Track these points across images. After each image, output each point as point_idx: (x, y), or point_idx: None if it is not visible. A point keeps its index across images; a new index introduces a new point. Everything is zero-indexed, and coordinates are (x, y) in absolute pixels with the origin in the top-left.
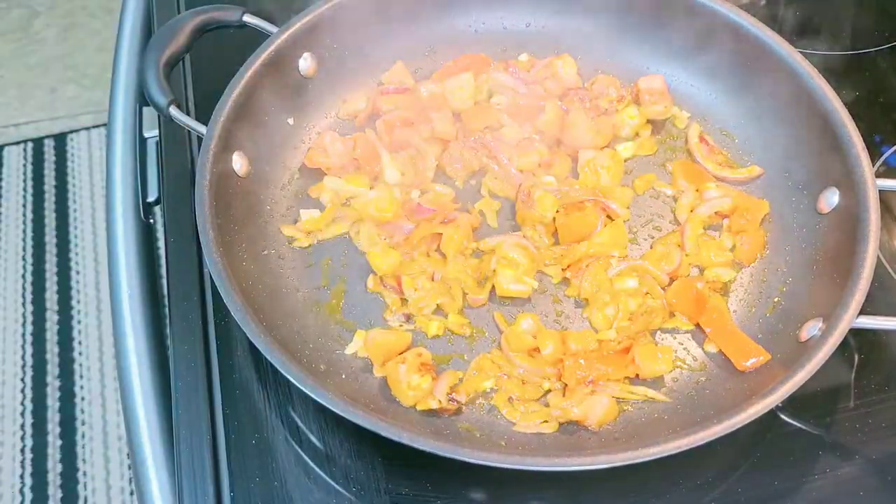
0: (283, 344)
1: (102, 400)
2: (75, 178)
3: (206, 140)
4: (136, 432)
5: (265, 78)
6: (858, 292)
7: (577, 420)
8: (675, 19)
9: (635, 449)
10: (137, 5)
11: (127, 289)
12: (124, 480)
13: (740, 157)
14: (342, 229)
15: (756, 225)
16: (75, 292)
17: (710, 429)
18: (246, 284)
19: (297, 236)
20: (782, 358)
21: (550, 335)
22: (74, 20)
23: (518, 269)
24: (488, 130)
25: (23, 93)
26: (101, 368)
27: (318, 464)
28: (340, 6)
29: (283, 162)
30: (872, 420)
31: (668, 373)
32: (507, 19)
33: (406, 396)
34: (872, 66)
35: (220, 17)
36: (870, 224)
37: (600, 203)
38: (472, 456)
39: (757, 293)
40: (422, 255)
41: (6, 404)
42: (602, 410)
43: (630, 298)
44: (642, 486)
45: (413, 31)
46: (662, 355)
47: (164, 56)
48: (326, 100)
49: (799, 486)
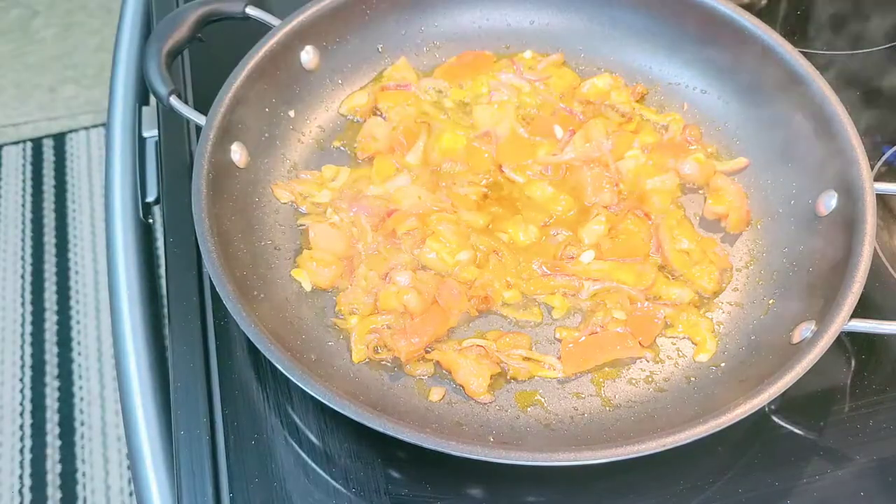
0: (276, 333)
1: (101, 400)
2: (74, 178)
3: (205, 129)
4: (135, 433)
5: (266, 70)
6: (851, 295)
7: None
8: (676, 19)
9: (620, 446)
10: (137, 5)
11: (126, 289)
12: (123, 481)
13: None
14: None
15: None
16: (74, 292)
17: (695, 428)
18: (240, 274)
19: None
20: (774, 360)
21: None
22: (73, 20)
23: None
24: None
25: (22, 92)
26: (100, 369)
27: (317, 464)
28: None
29: (283, 153)
30: (873, 421)
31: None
32: (511, 16)
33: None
34: (872, 66)
35: (224, 9)
36: (865, 228)
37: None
38: (457, 449)
39: (751, 294)
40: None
41: (5, 405)
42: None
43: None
44: (640, 485)
45: (417, 26)
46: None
47: (167, 46)
48: (328, 93)
49: (800, 486)
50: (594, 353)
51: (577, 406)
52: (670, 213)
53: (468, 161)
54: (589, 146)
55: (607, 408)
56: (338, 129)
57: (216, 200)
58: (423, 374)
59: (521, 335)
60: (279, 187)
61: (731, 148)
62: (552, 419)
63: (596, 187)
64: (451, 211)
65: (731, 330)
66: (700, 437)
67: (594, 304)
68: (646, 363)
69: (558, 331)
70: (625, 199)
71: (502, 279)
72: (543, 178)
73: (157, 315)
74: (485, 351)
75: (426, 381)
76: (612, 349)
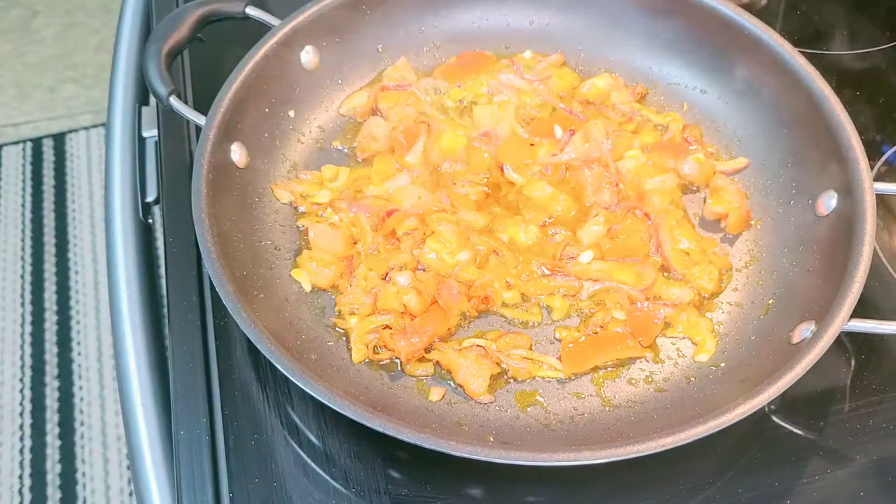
0: (275, 333)
1: (101, 401)
2: (74, 178)
3: (205, 129)
4: (135, 433)
5: (266, 70)
6: (851, 295)
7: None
8: (676, 19)
9: (620, 446)
10: (137, 5)
11: (126, 289)
12: (123, 481)
13: (739, 157)
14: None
15: (735, 192)
16: (74, 292)
17: (695, 428)
18: (240, 274)
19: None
20: (774, 360)
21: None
22: (73, 20)
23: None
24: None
25: (22, 92)
26: (100, 369)
27: (317, 464)
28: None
29: (283, 153)
30: (872, 421)
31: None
32: (511, 16)
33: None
34: (872, 66)
35: (224, 9)
36: (865, 228)
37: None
38: (457, 449)
39: (751, 294)
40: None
41: (5, 405)
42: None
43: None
44: (640, 485)
45: (417, 26)
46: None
47: (167, 46)
48: (328, 93)
49: (800, 486)
50: (594, 353)
51: (577, 406)
52: (670, 213)
53: (468, 161)
54: (589, 146)
55: (607, 408)
56: (338, 129)
57: (216, 200)
58: (423, 374)
59: (521, 335)
60: (279, 187)
61: (731, 148)
62: (552, 419)
63: (596, 187)
64: (451, 211)
65: (731, 330)
66: (700, 437)
67: (594, 304)
68: (646, 363)
69: (558, 331)
70: (625, 199)
71: (502, 279)
72: (543, 177)
73: (157, 315)
74: (485, 351)
75: (426, 381)
76: (612, 349)
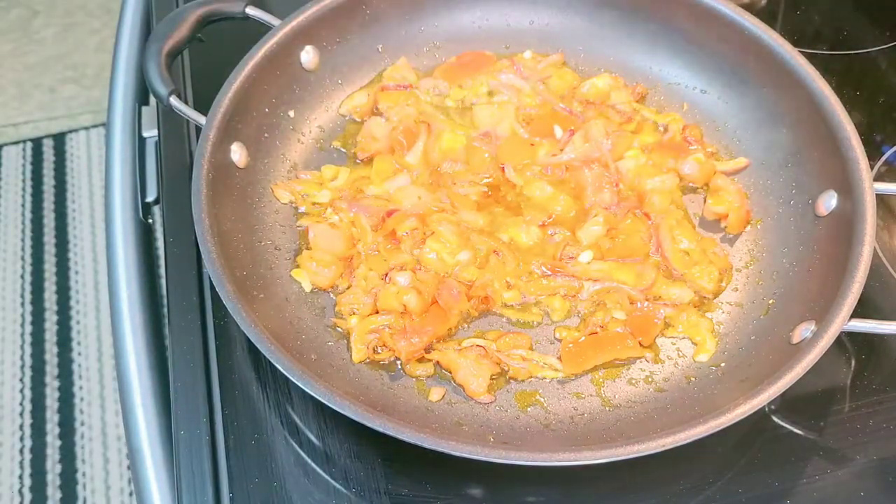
0: (275, 333)
1: (101, 400)
2: (74, 178)
3: (205, 129)
4: (135, 433)
5: (266, 70)
6: (851, 295)
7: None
8: (677, 19)
9: (620, 446)
10: (137, 5)
11: (126, 289)
12: (123, 481)
13: (739, 157)
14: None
15: (735, 191)
16: (74, 292)
17: (695, 428)
18: (240, 274)
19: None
20: (774, 360)
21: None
22: (73, 20)
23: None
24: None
25: (22, 92)
26: (100, 369)
27: (317, 464)
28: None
29: (283, 153)
30: (873, 421)
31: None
32: (511, 16)
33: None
34: (872, 66)
35: (224, 9)
36: (865, 228)
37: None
38: (457, 449)
39: (751, 294)
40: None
41: (5, 405)
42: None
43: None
44: (640, 485)
45: (417, 26)
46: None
47: (167, 46)
48: (328, 93)
49: (800, 486)
50: (594, 353)
51: (577, 406)
52: (670, 213)
53: (468, 161)
54: (589, 146)
55: (607, 408)
56: (338, 129)
57: (216, 200)
58: (423, 374)
59: (521, 335)
60: (279, 187)
61: (731, 148)
62: (552, 419)
63: (596, 187)
64: (451, 211)
65: (731, 330)
66: (700, 437)
67: (594, 304)
68: (646, 363)
69: (558, 331)
70: (625, 199)
71: (502, 280)
72: (543, 177)
73: (157, 315)
74: (485, 351)
75: (426, 381)
76: (611, 349)
